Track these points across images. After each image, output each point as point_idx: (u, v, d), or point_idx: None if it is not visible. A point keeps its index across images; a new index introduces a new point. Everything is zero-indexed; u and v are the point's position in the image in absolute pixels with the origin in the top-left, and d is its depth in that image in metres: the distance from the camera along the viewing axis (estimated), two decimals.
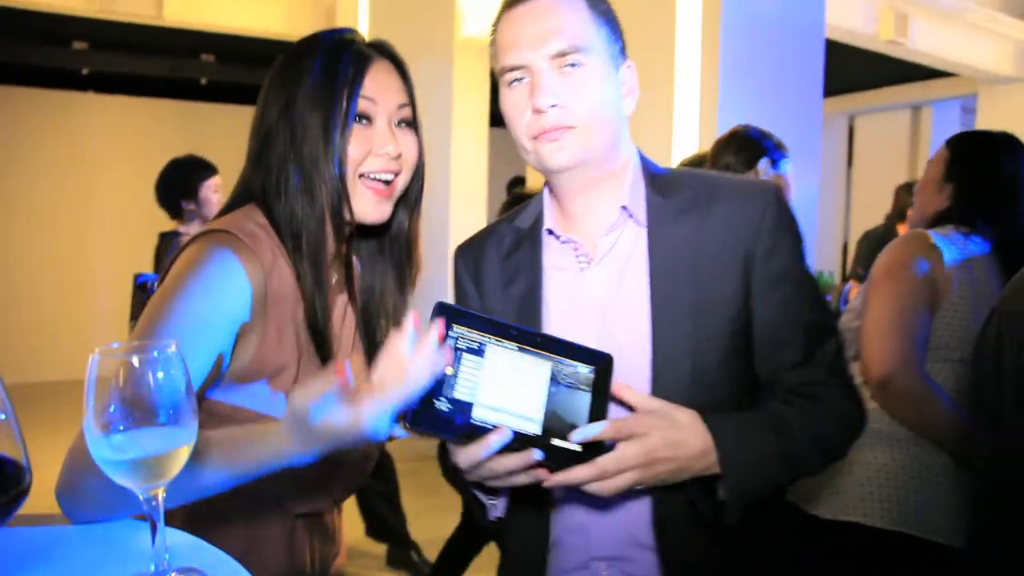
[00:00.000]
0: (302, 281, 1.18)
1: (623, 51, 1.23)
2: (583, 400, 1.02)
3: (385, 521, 3.77)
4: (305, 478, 1.12)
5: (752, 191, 1.21)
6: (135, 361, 0.75)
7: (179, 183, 3.67)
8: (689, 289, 1.16)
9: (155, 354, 0.75)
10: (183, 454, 0.78)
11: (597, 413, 1.02)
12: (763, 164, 2.29)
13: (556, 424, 1.00)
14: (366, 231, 1.34)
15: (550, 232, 1.27)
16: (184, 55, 7.62)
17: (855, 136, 9.77)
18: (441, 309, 1.00)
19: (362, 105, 1.20)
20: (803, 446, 1.14)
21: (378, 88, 1.22)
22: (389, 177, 1.23)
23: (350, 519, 2.67)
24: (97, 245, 8.05)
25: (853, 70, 7.22)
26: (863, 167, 9.60)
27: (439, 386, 0.98)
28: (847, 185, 9.76)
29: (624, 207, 1.21)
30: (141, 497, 0.78)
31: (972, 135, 2.13)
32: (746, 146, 2.32)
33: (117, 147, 8.11)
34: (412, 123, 1.28)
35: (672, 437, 1.05)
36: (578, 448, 1.00)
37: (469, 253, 1.36)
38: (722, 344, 1.16)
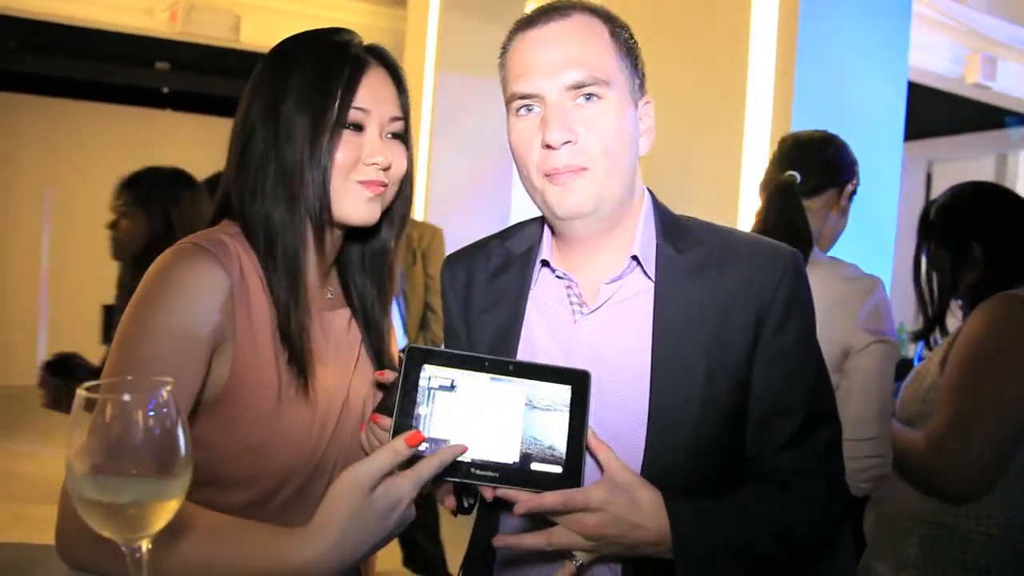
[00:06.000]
0: (274, 290, 1.10)
1: (642, 86, 1.14)
2: (561, 420, 0.99)
3: (424, 551, 3.67)
4: None
5: (770, 255, 1.12)
6: (126, 399, 0.68)
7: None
8: (695, 354, 1.07)
9: (149, 393, 0.68)
10: (171, 507, 0.70)
11: (576, 431, 0.99)
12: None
13: (534, 448, 0.98)
14: (349, 243, 1.26)
15: (545, 264, 1.18)
16: None
17: (932, 185, 9.40)
18: (411, 352, 1.00)
19: (354, 114, 1.12)
20: (766, 545, 1.05)
21: (372, 97, 1.14)
22: (379, 190, 1.15)
23: (387, 547, 2.57)
24: None
25: (933, 114, 6.94)
26: None
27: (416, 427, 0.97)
28: None
29: (634, 257, 1.12)
30: (124, 550, 0.71)
31: (945, 207, 2.04)
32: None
33: (190, 164, 8.32)
34: (403, 136, 1.20)
35: (629, 519, 0.97)
36: (558, 471, 0.97)
37: (459, 267, 1.28)
38: (723, 413, 1.08)
